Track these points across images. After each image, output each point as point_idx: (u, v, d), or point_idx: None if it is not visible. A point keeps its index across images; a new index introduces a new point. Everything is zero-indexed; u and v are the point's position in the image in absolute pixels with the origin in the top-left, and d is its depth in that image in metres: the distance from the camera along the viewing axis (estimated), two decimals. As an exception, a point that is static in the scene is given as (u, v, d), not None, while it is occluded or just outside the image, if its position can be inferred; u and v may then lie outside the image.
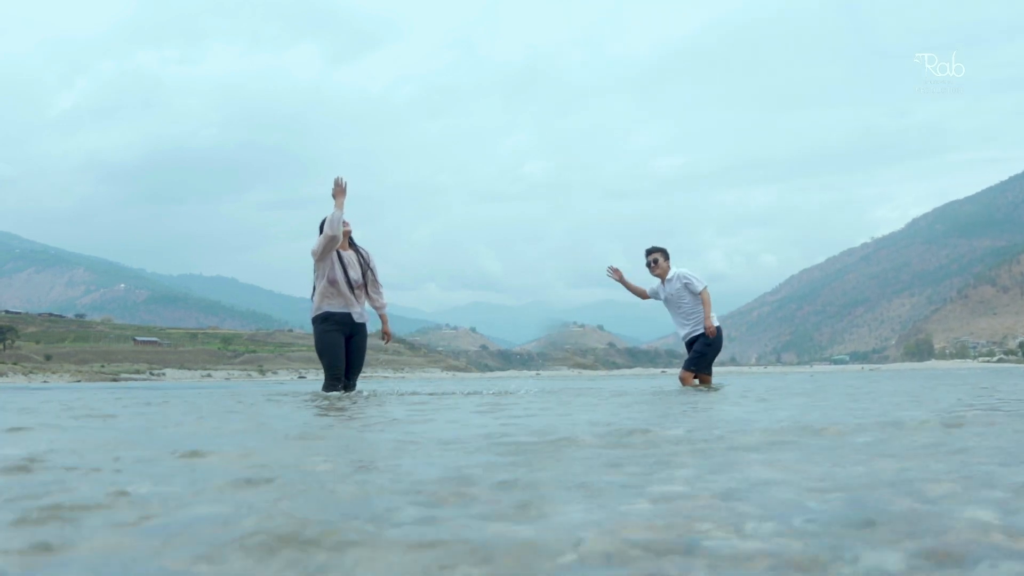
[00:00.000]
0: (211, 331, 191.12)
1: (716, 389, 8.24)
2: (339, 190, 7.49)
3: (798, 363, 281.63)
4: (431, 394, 7.62)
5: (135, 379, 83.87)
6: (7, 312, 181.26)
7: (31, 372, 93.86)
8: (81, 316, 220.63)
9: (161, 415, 4.95)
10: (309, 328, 7.93)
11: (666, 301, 9.62)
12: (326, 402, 6.11)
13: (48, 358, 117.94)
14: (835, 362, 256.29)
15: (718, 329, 9.40)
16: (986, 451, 2.21)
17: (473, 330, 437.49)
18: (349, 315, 7.70)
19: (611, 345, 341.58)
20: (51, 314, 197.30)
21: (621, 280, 9.81)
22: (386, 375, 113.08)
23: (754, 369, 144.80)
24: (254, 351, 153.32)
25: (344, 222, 7.53)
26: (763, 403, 5.26)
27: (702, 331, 9.35)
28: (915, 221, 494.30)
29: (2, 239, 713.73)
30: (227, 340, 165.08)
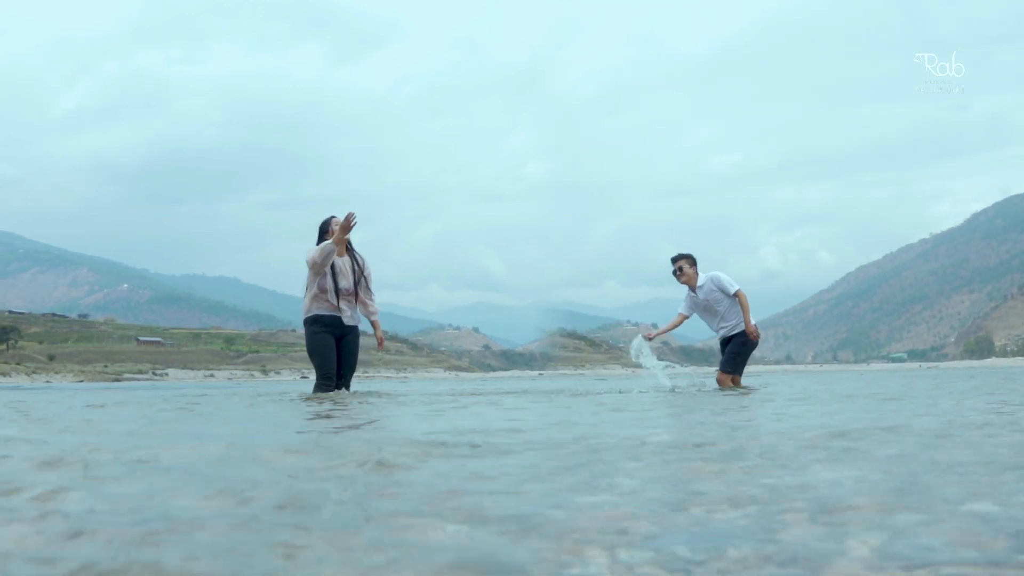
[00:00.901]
0: (214, 331, 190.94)
1: (747, 392, 8.02)
2: (345, 229, 7.33)
3: (855, 361, 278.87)
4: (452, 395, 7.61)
5: (138, 379, 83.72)
6: (10, 312, 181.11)
7: (34, 372, 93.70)
8: (84, 316, 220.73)
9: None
10: None
11: (700, 308, 9.37)
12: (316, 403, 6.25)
13: (51, 358, 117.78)
14: (893, 360, 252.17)
15: (742, 334, 9.19)
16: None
17: (476, 330, 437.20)
18: (339, 318, 7.70)
19: (664, 344, 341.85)
20: (54, 314, 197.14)
21: (661, 333, 9.64)
22: (388, 375, 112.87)
23: (809, 367, 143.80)
24: (257, 351, 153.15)
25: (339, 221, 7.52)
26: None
27: (739, 330, 9.14)
28: (975, 216, 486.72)
29: (5, 239, 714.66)
30: (230, 340, 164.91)
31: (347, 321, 7.76)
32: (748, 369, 9.94)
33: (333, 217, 7.79)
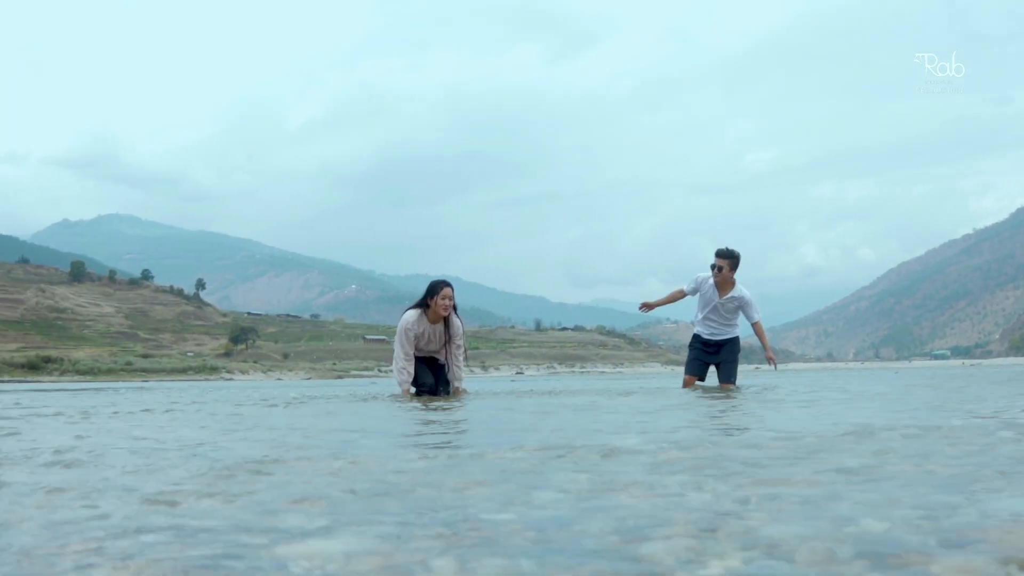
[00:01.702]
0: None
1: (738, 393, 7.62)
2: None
3: (896, 358, 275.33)
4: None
5: (363, 376, 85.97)
6: (249, 314, 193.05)
7: (269, 370, 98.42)
8: (316, 316, 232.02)
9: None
10: (530, 324, 7.36)
11: (713, 307, 9.00)
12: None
13: (285, 356, 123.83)
14: (935, 357, 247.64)
15: (737, 339, 9.19)
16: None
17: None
18: (430, 358, 8.20)
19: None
20: (288, 315, 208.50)
21: (656, 304, 9.51)
22: (603, 370, 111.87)
23: (850, 365, 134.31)
24: (476, 347, 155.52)
25: (447, 299, 7.91)
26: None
27: (733, 336, 9.10)
28: (1020, 211, 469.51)
29: (245, 246, 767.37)
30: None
31: (436, 357, 8.22)
32: (782, 366, 8.33)
33: (445, 288, 7.98)
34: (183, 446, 3.13)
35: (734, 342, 9.07)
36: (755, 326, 9.05)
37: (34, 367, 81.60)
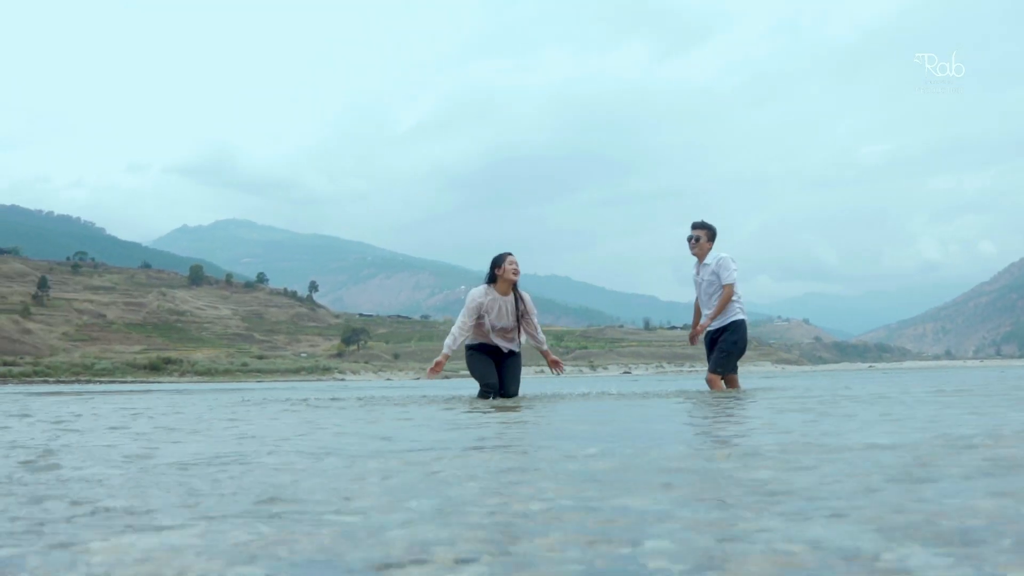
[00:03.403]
0: (545, 329, 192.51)
1: (743, 395, 7.12)
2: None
3: (1020, 356, 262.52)
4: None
5: (465, 376, 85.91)
6: (361, 315, 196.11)
7: (380, 370, 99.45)
8: (426, 317, 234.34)
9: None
10: (639, 323, 7.26)
11: (698, 286, 8.55)
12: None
13: (396, 357, 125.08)
14: None
15: (742, 324, 8.27)
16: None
17: (806, 321, 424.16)
18: (496, 347, 8.23)
19: (817, 339, 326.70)
20: (399, 316, 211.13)
21: (698, 325, 8.60)
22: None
23: (968, 364, 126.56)
24: (585, 347, 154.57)
25: (514, 264, 8.02)
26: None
27: (728, 322, 8.23)
28: None
29: (357, 249, 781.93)
30: (559, 337, 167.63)
31: (505, 348, 8.25)
32: (880, 366, 6.87)
33: (508, 255, 8.08)
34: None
35: (732, 329, 8.27)
36: (724, 288, 8.25)
37: (155, 368, 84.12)
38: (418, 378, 76.31)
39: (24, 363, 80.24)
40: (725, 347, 8.20)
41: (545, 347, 8.41)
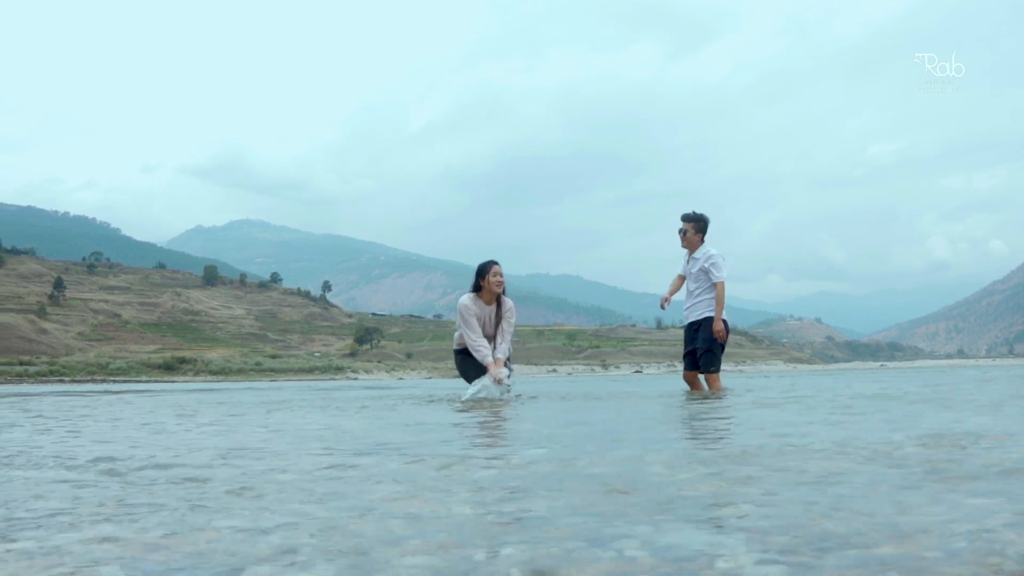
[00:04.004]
0: (557, 328, 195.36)
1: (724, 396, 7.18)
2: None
3: None
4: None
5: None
6: (374, 315, 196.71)
7: (393, 369, 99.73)
8: (438, 316, 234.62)
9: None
10: (651, 322, 7.33)
11: (686, 277, 8.72)
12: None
13: (409, 356, 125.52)
14: None
15: (723, 322, 8.37)
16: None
17: (818, 320, 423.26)
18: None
19: (829, 339, 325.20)
20: (411, 315, 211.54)
21: (670, 296, 8.94)
22: (724, 368, 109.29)
23: (980, 363, 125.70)
24: (597, 346, 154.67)
25: (498, 275, 8.12)
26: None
27: (708, 315, 8.39)
28: None
29: (369, 248, 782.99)
30: (571, 336, 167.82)
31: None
32: (892, 365, 7.01)
33: (493, 265, 8.13)
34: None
35: (706, 325, 8.45)
36: (715, 287, 8.44)
37: (170, 368, 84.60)
38: (430, 377, 76.63)
39: (40, 362, 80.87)
40: (706, 346, 8.41)
41: (500, 356, 8.32)
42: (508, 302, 8.34)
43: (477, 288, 8.16)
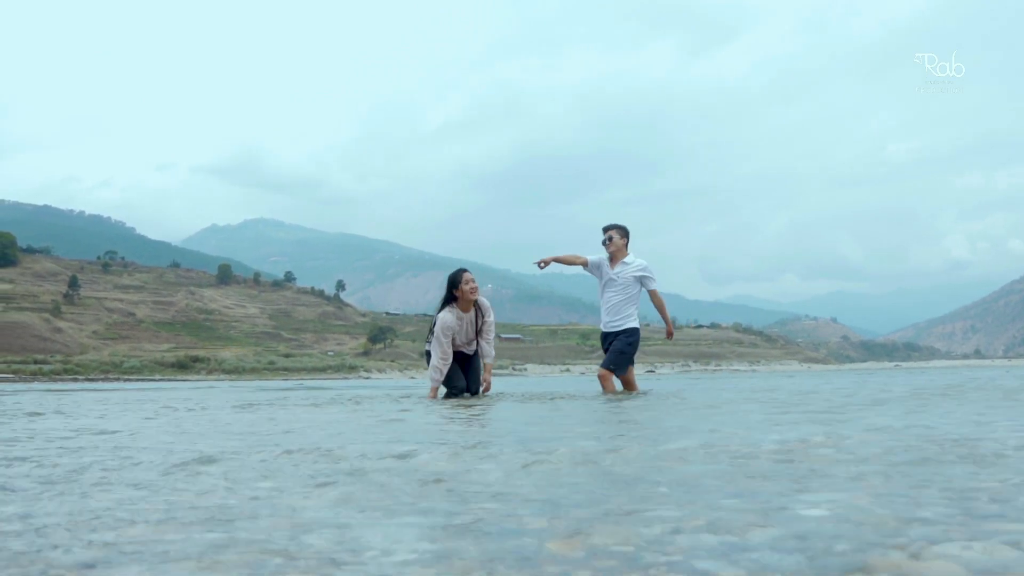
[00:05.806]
0: (570, 327, 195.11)
1: (643, 395, 7.61)
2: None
3: None
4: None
5: (498, 375, 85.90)
6: (387, 314, 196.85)
7: (406, 368, 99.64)
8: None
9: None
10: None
11: (607, 282, 8.62)
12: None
13: (422, 355, 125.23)
14: None
15: (637, 331, 8.61)
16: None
17: (834, 320, 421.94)
18: (460, 352, 8.46)
19: (845, 338, 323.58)
20: (425, 315, 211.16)
21: (554, 261, 8.80)
22: (738, 368, 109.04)
23: (995, 363, 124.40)
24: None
25: (471, 283, 8.19)
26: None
27: (628, 327, 8.51)
28: None
29: (383, 247, 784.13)
30: (585, 336, 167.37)
31: (468, 351, 8.53)
32: (906, 365, 6.83)
33: (464, 273, 8.25)
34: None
35: (628, 333, 8.52)
36: (652, 295, 8.64)
37: (183, 366, 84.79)
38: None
39: (54, 361, 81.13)
40: (620, 347, 8.45)
41: (488, 361, 8.61)
42: (484, 303, 8.43)
43: (451, 299, 8.24)
